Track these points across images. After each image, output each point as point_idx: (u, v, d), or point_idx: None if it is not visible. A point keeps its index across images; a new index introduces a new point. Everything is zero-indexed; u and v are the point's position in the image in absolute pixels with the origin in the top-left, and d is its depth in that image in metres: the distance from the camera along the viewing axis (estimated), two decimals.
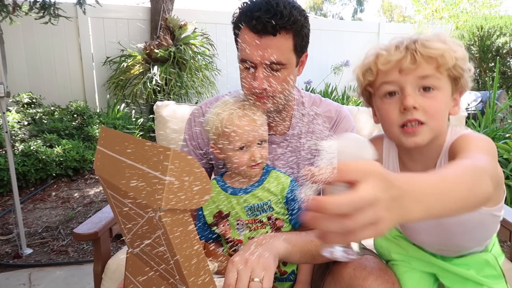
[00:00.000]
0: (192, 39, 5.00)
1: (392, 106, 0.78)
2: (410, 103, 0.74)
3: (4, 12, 3.44)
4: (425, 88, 0.76)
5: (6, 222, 2.93)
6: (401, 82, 0.76)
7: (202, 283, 0.69)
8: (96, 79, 5.21)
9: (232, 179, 1.13)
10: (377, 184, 0.43)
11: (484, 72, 5.76)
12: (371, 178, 0.43)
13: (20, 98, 4.29)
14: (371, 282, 0.95)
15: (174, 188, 0.59)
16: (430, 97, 0.75)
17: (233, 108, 1.05)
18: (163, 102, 1.93)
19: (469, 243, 0.96)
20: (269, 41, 1.00)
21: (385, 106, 0.80)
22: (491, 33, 5.62)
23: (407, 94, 0.75)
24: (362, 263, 1.02)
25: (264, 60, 1.01)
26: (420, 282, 1.07)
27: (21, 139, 3.65)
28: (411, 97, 0.74)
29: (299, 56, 1.08)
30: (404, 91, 0.76)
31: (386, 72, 0.77)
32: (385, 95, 0.80)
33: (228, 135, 1.04)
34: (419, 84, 0.75)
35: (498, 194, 0.83)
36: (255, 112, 1.06)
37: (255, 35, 1.00)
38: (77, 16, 4.91)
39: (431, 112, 0.75)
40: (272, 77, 1.04)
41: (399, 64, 0.74)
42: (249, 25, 1.00)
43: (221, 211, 1.13)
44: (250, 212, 1.10)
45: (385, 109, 0.80)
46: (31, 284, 2.21)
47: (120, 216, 0.82)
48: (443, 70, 0.75)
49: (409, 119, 0.75)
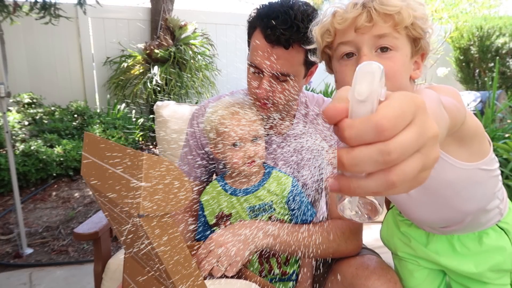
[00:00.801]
0: (192, 39, 5.01)
1: (348, 67, 0.74)
2: None
3: (4, 13, 3.44)
4: (382, 48, 0.72)
5: (7, 222, 2.93)
6: (358, 42, 0.72)
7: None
8: (97, 79, 5.22)
9: (233, 179, 1.13)
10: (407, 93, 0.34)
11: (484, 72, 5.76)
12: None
13: (20, 98, 4.30)
14: (373, 282, 0.96)
15: (151, 194, 0.58)
16: (387, 57, 0.72)
17: (226, 107, 1.05)
18: (163, 102, 1.93)
19: (469, 205, 0.88)
20: (280, 53, 0.97)
21: (342, 68, 0.76)
22: (491, 34, 5.62)
23: (363, 55, 0.71)
24: (365, 262, 1.02)
25: (272, 71, 1.00)
26: (428, 277, 1.07)
27: (22, 139, 3.65)
28: (367, 58, 0.71)
29: (308, 68, 1.07)
30: (360, 51, 0.72)
31: (343, 31, 0.73)
32: (342, 57, 0.76)
33: (221, 133, 1.05)
34: (376, 44, 0.72)
35: (480, 146, 0.79)
36: (248, 109, 1.06)
37: (267, 43, 0.97)
38: (77, 17, 4.92)
39: (387, 73, 0.68)
40: (277, 86, 1.03)
41: (355, 22, 0.71)
42: (263, 32, 0.97)
43: (222, 212, 1.13)
44: (251, 213, 1.10)
45: (342, 71, 0.76)
46: (31, 283, 2.22)
47: (112, 220, 0.82)
48: (401, 29, 0.72)
49: None
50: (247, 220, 1.10)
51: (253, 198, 1.09)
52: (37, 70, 4.92)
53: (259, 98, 1.04)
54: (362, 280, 0.97)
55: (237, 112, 1.04)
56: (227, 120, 1.03)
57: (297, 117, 1.22)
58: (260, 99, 1.05)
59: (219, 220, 1.14)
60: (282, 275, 1.16)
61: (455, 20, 6.65)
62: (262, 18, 0.98)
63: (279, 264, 1.14)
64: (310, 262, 1.16)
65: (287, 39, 0.94)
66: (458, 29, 6.12)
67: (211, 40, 5.22)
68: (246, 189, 1.10)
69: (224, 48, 5.72)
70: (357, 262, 1.03)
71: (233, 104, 1.06)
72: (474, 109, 4.30)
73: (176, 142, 1.82)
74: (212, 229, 1.16)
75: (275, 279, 1.18)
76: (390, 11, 0.69)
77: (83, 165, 0.78)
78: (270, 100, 1.05)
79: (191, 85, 4.87)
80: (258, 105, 1.08)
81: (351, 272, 1.01)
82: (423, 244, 1.04)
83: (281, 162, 1.23)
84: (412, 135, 0.32)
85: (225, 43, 5.78)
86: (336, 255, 1.07)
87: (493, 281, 0.97)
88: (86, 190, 3.50)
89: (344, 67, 0.76)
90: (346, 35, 0.73)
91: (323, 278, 1.11)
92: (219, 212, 1.13)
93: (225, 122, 1.03)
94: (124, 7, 5.37)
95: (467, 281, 1.00)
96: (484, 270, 0.96)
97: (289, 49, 0.97)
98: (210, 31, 5.34)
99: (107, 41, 5.14)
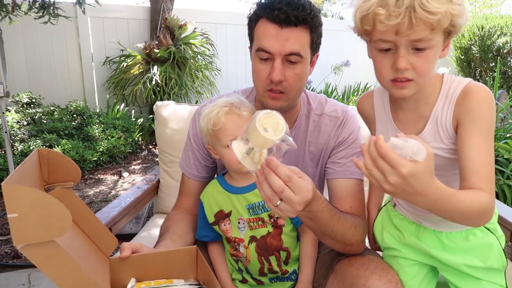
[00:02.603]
0: (192, 39, 5.00)
1: (385, 60, 0.83)
2: (402, 66, 0.80)
3: (3, 12, 3.43)
4: (417, 48, 0.80)
5: (6, 222, 2.92)
6: (397, 42, 0.79)
7: None
8: (96, 79, 5.21)
9: (232, 178, 1.13)
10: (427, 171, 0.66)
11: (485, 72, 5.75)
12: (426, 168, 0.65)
13: (19, 98, 4.29)
14: (374, 282, 0.95)
15: (21, 224, 0.56)
16: (421, 56, 0.80)
17: (220, 106, 1.05)
18: (163, 102, 1.92)
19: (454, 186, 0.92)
20: (289, 32, 1.01)
21: (379, 59, 0.85)
22: (492, 33, 5.61)
23: (400, 56, 0.80)
24: (365, 262, 1.01)
25: (284, 50, 1.01)
26: (419, 274, 1.07)
27: (21, 139, 3.64)
28: (404, 59, 0.79)
29: (313, 54, 1.09)
30: (398, 51, 0.80)
31: (383, 32, 0.79)
32: (381, 50, 0.84)
33: (215, 133, 1.04)
34: (412, 45, 0.79)
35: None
36: (243, 109, 1.05)
37: (276, 25, 1.00)
38: (76, 16, 4.91)
39: (420, 70, 0.81)
40: (289, 70, 1.04)
41: (396, 27, 0.76)
42: (270, 15, 1.00)
43: (222, 210, 1.12)
44: (251, 211, 1.09)
45: (379, 62, 0.85)
46: (30, 284, 2.20)
47: None
48: (438, 31, 0.78)
49: (399, 77, 0.82)
50: (247, 218, 1.10)
51: (253, 196, 1.09)
52: (36, 70, 4.91)
53: (275, 82, 1.04)
54: (363, 280, 0.96)
55: (232, 112, 1.04)
56: (221, 120, 1.03)
57: (300, 116, 1.21)
58: (275, 84, 1.04)
59: (219, 218, 1.13)
60: (282, 274, 1.15)
61: None
62: (266, 4, 1.02)
63: (279, 263, 1.13)
64: (311, 262, 1.15)
65: (296, 16, 0.99)
66: None
67: (211, 40, 5.21)
68: (246, 187, 1.10)
69: (224, 48, 5.71)
70: (358, 262, 1.02)
71: (229, 104, 1.05)
72: None
73: (176, 142, 1.81)
74: (212, 227, 1.16)
75: (275, 279, 1.17)
76: (431, 19, 0.74)
77: None
78: (283, 86, 1.05)
79: (190, 85, 4.86)
80: (269, 96, 1.07)
81: (352, 272, 1.00)
82: (414, 236, 1.06)
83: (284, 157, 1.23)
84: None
85: (225, 43, 5.78)
86: (346, 241, 1.03)
87: (486, 279, 0.98)
88: (86, 190, 3.49)
89: (381, 59, 0.84)
90: (386, 35, 0.79)
91: (324, 278, 1.10)
92: (219, 210, 1.13)
93: (219, 122, 1.03)
94: (123, 7, 5.36)
95: (460, 277, 1.00)
96: (473, 264, 0.97)
97: (298, 27, 1.01)
98: (210, 30, 5.33)
99: (107, 40, 5.13)
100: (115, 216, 1.43)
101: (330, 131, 1.20)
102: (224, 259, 1.21)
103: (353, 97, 5.95)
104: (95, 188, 3.54)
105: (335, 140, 1.19)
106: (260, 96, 1.11)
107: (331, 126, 1.20)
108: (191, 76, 4.81)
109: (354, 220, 1.05)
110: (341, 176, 1.16)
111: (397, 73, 0.82)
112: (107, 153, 3.98)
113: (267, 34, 1.02)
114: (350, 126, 1.20)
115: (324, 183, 1.28)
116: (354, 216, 1.08)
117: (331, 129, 1.20)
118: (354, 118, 1.22)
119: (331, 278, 1.07)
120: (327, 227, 0.96)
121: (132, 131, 4.46)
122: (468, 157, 0.81)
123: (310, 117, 1.21)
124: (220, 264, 1.20)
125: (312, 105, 1.22)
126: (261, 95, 1.10)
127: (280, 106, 1.08)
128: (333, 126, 1.20)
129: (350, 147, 1.18)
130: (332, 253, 1.11)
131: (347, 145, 1.18)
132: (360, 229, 1.05)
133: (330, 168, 1.19)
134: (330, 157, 1.20)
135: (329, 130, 1.20)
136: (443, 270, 1.05)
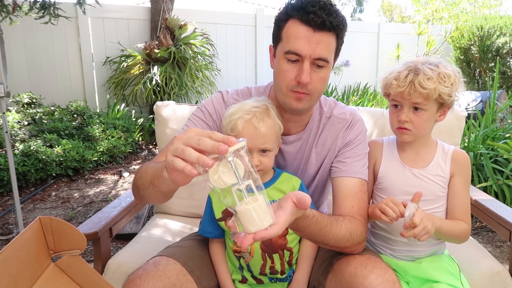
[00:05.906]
0: (192, 39, 5.00)
1: (395, 113, 1.20)
2: (403, 119, 1.16)
3: (4, 12, 3.44)
4: (416, 108, 1.15)
5: (6, 222, 2.93)
6: (402, 102, 1.17)
7: None
8: (96, 79, 5.22)
9: None
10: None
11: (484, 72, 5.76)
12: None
13: (20, 98, 4.29)
14: (371, 280, 0.96)
15: None
16: (418, 114, 1.16)
17: (244, 112, 1.06)
18: (163, 102, 1.92)
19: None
20: (321, 37, 1.02)
21: (391, 113, 1.23)
22: (491, 33, 5.62)
23: (403, 112, 1.16)
24: (363, 261, 1.02)
25: (314, 54, 1.02)
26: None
27: (21, 139, 3.65)
28: (405, 115, 1.16)
29: (334, 60, 1.11)
30: (402, 108, 1.17)
31: (394, 94, 1.17)
32: (393, 106, 1.21)
33: (233, 136, 1.04)
34: (412, 105, 1.15)
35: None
36: (262, 124, 1.06)
37: (309, 28, 1.01)
38: (77, 16, 4.92)
39: (415, 124, 1.17)
40: (314, 73, 1.06)
41: (402, 93, 1.14)
42: (304, 18, 1.01)
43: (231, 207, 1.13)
44: None
45: (391, 114, 1.23)
46: None
47: None
48: (430, 100, 1.13)
49: (401, 126, 1.18)
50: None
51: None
52: (36, 70, 4.92)
53: (302, 84, 1.04)
54: (360, 279, 0.97)
55: (250, 123, 1.05)
56: (238, 128, 1.04)
57: (312, 118, 1.24)
58: (301, 86, 1.05)
59: (226, 215, 1.14)
60: (281, 274, 1.16)
61: (455, 20, 6.65)
62: (299, 6, 1.03)
63: (282, 262, 1.14)
64: (308, 261, 1.16)
65: (331, 22, 1.01)
66: (459, 29, 6.12)
67: (211, 40, 5.22)
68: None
69: (224, 48, 5.72)
70: (356, 261, 1.03)
71: (251, 113, 1.06)
72: (474, 109, 4.29)
73: None
74: (217, 223, 1.17)
75: (274, 280, 1.18)
76: (423, 92, 1.10)
77: None
78: (308, 89, 1.06)
79: (191, 85, 4.87)
80: (294, 96, 1.08)
81: (350, 270, 1.01)
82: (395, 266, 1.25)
83: (288, 162, 1.25)
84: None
85: (225, 43, 5.79)
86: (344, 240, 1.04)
87: (444, 281, 1.14)
88: (86, 190, 3.50)
89: (392, 112, 1.21)
90: (396, 97, 1.17)
91: (324, 277, 1.11)
92: (227, 207, 1.13)
93: (236, 129, 1.04)
94: (123, 7, 5.37)
95: (420, 281, 1.19)
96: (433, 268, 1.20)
97: (329, 33, 1.03)
98: (210, 30, 5.34)
99: (107, 41, 5.14)
100: (116, 216, 1.43)
101: (339, 132, 1.23)
102: (225, 259, 1.22)
103: (353, 97, 5.96)
104: (95, 188, 3.55)
105: (342, 140, 1.22)
106: (283, 95, 1.11)
107: (339, 128, 1.23)
108: (191, 76, 4.82)
109: (349, 227, 1.04)
110: (345, 175, 1.17)
111: (400, 123, 1.17)
112: (107, 153, 3.99)
113: (299, 36, 1.02)
114: (358, 128, 1.23)
115: (327, 183, 1.30)
116: (352, 221, 1.07)
117: (340, 130, 1.23)
118: (362, 121, 1.26)
119: (330, 276, 1.08)
120: (317, 237, 0.98)
121: (132, 131, 4.47)
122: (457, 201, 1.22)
123: (321, 120, 1.24)
124: (220, 263, 1.20)
125: (324, 109, 1.25)
126: (284, 95, 1.10)
127: (303, 107, 1.10)
128: (342, 128, 1.23)
129: (356, 148, 1.21)
130: (332, 251, 1.12)
131: (354, 146, 1.21)
132: (356, 234, 1.05)
133: (335, 167, 1.21)
134: (336, 157, 1.22)
135: (338, 131, 1.23)
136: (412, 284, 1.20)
